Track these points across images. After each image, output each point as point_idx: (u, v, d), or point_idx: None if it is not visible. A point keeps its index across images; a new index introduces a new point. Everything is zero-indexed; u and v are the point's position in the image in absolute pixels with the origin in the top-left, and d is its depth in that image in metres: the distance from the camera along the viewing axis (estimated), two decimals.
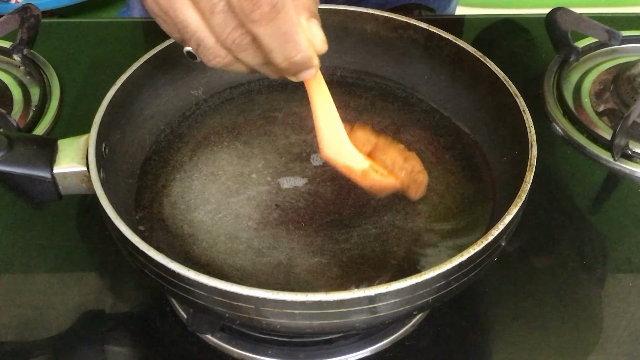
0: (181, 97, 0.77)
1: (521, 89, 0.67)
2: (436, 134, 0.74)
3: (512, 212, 0.56)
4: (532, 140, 0.63)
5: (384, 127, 0.75)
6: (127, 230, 0.55)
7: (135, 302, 0.69)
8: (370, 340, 0.65)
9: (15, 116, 0.85)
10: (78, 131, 0.64)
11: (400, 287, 0.51)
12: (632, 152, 0.81)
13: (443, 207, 0.67)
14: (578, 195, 0.79)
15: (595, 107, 0.88)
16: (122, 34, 1.01)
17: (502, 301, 0.69)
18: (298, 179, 0.70)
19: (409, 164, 0.63)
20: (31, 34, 0.90)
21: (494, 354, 0.66)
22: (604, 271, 0.72)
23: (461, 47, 0.72)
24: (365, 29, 0.78)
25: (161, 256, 0.53)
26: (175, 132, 0.74)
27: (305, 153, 0.72)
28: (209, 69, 0.77)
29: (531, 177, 0.59)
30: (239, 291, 0.51)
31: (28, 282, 0.70)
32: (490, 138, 0.71)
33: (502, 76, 0.69)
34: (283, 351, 0.65)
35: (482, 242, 0.54)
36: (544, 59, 0.93)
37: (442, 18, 1.06)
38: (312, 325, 0.53)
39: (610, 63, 0.93)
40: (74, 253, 0.73)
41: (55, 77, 0.90)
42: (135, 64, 0.70)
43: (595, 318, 0.68)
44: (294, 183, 0.69)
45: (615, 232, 0.75)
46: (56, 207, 0.76)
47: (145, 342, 0.66)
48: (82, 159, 0.62)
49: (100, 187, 0.58)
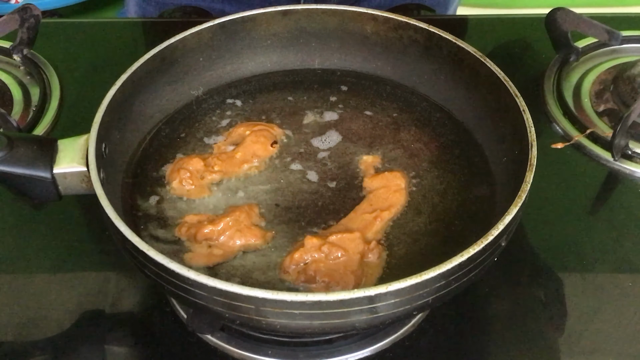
0: (181, 97, 0.77)
1: (521, 89, 0.67)
2: (436, 134, 0.74)
3: (512, 212, 0.56)
4: (532, 140, 0.63)
5: (384, 127, 0.75)
6: (127, 230, 0.55)
7: (135, 302, 0.69)
8: (370, 340, 0.65)
9: (15, 116, 0.85)
10: (78, 131, 0.64)
11: (400, 287, 0.51)
12: (632, 152, 0.81)
13: (443, 206, 0.67)
14: (578, 195, 0.79)
15: (595, 107, 0.88)
16: (122, 34, 1.01)
17: (502, 301, 0.69)
18: (298, 179, 0.70)
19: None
20: (31, 34, 0.90)
21: (493, 354, 0.66)
22: (604, 271, 0.72)
23: (461, 47, 0.72)
24: (365, 29, 0.78)
25: (161, 256, 0.53)
26: (175, 132, 0.74)
27: (306, 152, 0.72)
28: (209, 69, 0.78)
29: (531, 177, 0.59)
30: (239, 291, 0.51)
31: (28, 282, 0.70)
32: (490, 138, 0.71)
33: (502, 76, 0.68)
34: (283, 351, 0.65)
35: (482, 242, 0.54)
36: (544, 59, 0.93)
37: (442, 18, 1.06)
38: (312, 325, 0.53)
39: (610, 63, 0.93)
40: (74, 253, 0.73)
41: (55, 77, 0.90)
42: (135, 64, 0.70)
43: (596, 318, 0.68)
44: (295, 182, 0.69)
45: (615, 232, 0.75)
46: (56, 207, 0.75)
47: (145, 342, 0.66)
48: (82, 159, 0.62)
49: (100, 187, 0.58)
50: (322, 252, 0.61)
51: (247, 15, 0.76)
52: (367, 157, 0.72)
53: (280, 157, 0.72)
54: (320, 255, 0.61)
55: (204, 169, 0.69)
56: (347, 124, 0.75)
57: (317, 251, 0.61)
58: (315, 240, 0.61)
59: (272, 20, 0.78)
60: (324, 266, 0.60)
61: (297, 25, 0.78)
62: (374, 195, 0.67)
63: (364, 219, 0.65)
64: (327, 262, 0.60)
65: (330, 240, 0.61)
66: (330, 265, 0.60)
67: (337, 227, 0.64)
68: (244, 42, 0.78)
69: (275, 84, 0.80)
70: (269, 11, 0.77)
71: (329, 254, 0.61)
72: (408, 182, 0.69)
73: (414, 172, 0.70)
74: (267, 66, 0.81)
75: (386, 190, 0.67)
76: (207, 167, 0.69)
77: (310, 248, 0.61)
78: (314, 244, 0.61)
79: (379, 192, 0.67)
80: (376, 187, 0.68)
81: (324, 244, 0.61)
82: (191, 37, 0.74)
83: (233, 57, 0.79)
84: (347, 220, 0.65)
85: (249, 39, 0.78)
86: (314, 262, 0.60)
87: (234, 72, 0.80)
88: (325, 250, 0.61)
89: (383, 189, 0.67)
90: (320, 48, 0.80)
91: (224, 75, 0.79)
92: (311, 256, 0.61)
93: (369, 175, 0.69)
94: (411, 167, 0.71)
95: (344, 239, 0.62)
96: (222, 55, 0.78)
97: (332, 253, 0.61)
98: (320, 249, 0.61)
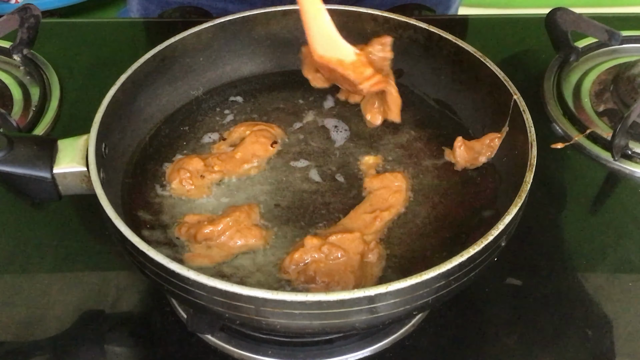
0: (181, 97, 0.77)
1: (521, 89, 0.67)
2: (436, 134, 0.74)
3: (512, 212, 0.56)
4: (532, 140, 0.63)
5: (384, 127, 0.75)
6: (127, 230, 0.55)
7: (135, 302, 0.69)
8: (370, 340, 0.65)
9: (15, 116, 0.85)
10: (78, 131, 0.64)
11: (400, 287, 0.51)
12: (632, 152, 0.81)
13: (443, 206, 0.67)
14: (578, 195, 0.79)
15: (595, 107, 0.88)
16: (122, 34, 1.01)
17: (501, 301, 0.69)
18: (298, 179, 0.70)
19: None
20: (31, 34, 0.90)
21: (493, 354, 0.66)
22: (604, 271, 0.72)
23: (461, 47, 0.72)
24: (365, 29, 0.78)
25: (161, 256, 0.53)
26: (175, 131, 0.74)
27: (306, 152, 0.72)
28: (209, 69, 0.78)
29: (531, 177, 0.59)
30: (239, 291, 0.51)
31: (28, 282, 0.70)
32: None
33: (502, 76, 0.69)
34: (283, 351, 0.65)
35: (482, 242, 0.54)
36: (544, 59, 0.93)
37: (442, 18, 1.06)
38: (312, 325, 0.53)
39: (610, 63, 0.93)
40: (74, 253, 0.73)
41: (55, 77, 0.90)
42: (135, 64, 0.70)
43: (596, 318, 0.68)
44: (295, 182, 0.69)
45: (615, 232, 0.75)
46: (56, 207, 0.75)
47: (145, 342, 0.66)
48: (82, 159, 0.62)
49: (100, 187, 0.58)
50: (322, 253, 0.61)
51: (247, 16, 0.76)
52: (368, 157, 0.72)
53: (280, 157, 0.72)
54: (320, 256, 0.61)
55: (204, 169, 0.69)
56: (348, 124, 0.75)
57: (317, 251, 0.61)
58: (315, 240, 0.61)
59: (272, 20, 0.78)
60: (324, 266, 0.60)
61: (297, 26, 0.78)
62: (375, 195, 0.67)
63: (364, 219, 0.65)
64: (327, 263, 0.60)
65: (330, 240, 0.61)
66: (330, 266, 0.60)
67: (337, 227, 0.64)
68: (244, 42, 0.78)
69: (275, 84, 0.80)
70: (269, 11, 0.77)
71: (329, 254, 0.61)
72: (409, 183, 0.69)
73: (414, 172, 0.70)
74: (267, 66, 0.81)
75: (387, 190, 0.67)
76: (207, 167, 0.69)
77: (310, 248, 0.61)
78: (314, 244, 0.61)
79: (380, 192, 0.67)
80: (377, 188, 0.68)
81: (324, 244, 0.61)
82: (191, 37, 0.74)
83: (233, 57, 0.79)
84: (347, 220, 0.65)
85: (249, 39, 0.78)
86: (313, 262, 0.60)
87: (234, 72, 0.80)
88: (325, 251, 0.61)
89: (383, 190, 0.67)
90: None
91: (224, 75, 0.79)
92: (311, 256, 0.61)
93: (369, 176, 0.69)
94: (411, 167, 0.71)
95: (344, 239, 0.62)
96: (222, 55, 0.78)
97: (332, 253, 0.61)
98: (320, 249, 0.61)
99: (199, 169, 0.69)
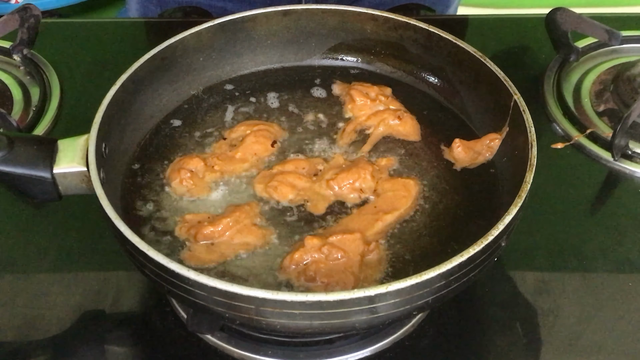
0: (181, 96, 0.77)
1: (521, 89, 0.67)
2: (436, 134, 0.74)
3: (512, 212, 0.56)
4: (532, 140, 0.63)
5: None
6: (127, 230, 0.55)
7: (135, 302, 0.69)
8: (370, 340, 0.65)
9: (15, 116, 0.85)
10: (78, 131, 0.64)
11: (400, 287, 0.51)
12: (632, 152, 0.81)
13: (443, 206, 0.67)
14: (578, 195, 0.79)
15: (595, 107, 0.88)
16: (122, 34, 1.01)
17: (501, 302, 0.69)
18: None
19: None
20: (31, 34, 0.90)
21: (493, 354, 0.66)
22: (604, 271, 0.72)
23: (461, 47, 0.72)
24: (365, 29, 0.78)
25: (161, 256, 0.53)
26: (175, 131, 0.74)
27: (305, 151, 0.72)
28: (209, 69, 0.78)
29: (531, 177, 0.59)
30: (239, 291, 0.51)
31: (28, 282, 0.70)
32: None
33: (502, 76, 0.69)
34: (283, 351, 0.65)
35: (482, 242, 0.54)
36: (544, 59, 0.93)
37: (442, 18, 1.06)
38: (312, 325, 0.53)
39: (610, 63, 0.93)
40: (74, 253, 0.73)
41: (55, 77, 0.90)
42: (135, 64, 0.70)
43: (595, 317, 0.68)
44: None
45: (615, 232, 0.75)
46: (56, 207, 0.75)
47: (145, 342, 0.66)
48: (82, 159, 0.62)
49: (100, 187, 0.58)
50: (322, 253, 0.61)
51: (247, 15, 0.76)
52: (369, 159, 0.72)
53: (281, 156, 0.72)
54: (320, 256, 0.61)
55: (204, 169, 0.69)
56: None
57: (317, 252, 0.61)
58: (315, 240, 0.61)
59: (272, 20, 0.78)
60: (324, 267, 0.60)
61: (297, 25, 0.78)
62: (382, 198, 0.67)
63: (365, 219, 0.65)
64: (327, 263, 0.60)
65: (330, 240, 0.61)
66: (330, 266, 0.60)
67: (338, 227, 0.64)
68: (244, 42, 0.78)
69: (275, 84, 0.80)
70: (269, 11, 0.77)
71: (329, 255, 0.61)
72: (420, 190, 0.68)
73: (414, 172, 0.70)
74: (267, 66, 0.81)
75: (394, 194, 0.67)
76: (207, 167, 0.69)
77: (311, 248, 0.61)
78: (314, 245, 0.61)
79: (387, 195, 0.67)
80: (385, 191, 0.67)
81: (324, 245, 0.61)
82: (191, 37, 0.74)
83: (233, 57, 0.79)
84: (348, 220, 0.65)
85: (249, 39, 0.78)
86: (313, 263, 0.60)
87: (234, 71, 0.80)
88: (325, 251, 0.61)
89: (391, 193, 0.67)
90: (320, 48, 0.80)
91: (223, 74, 0.79)
92: (311, 256, 0.61)
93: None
94: (411, 167, 0.71)
95: (344, 239, 0.62)
96: (222, 55, 0.78)
97: (332, 254, 0.61)
98: (320, 250, 0.61)
99: (199, 168, 0.69)
